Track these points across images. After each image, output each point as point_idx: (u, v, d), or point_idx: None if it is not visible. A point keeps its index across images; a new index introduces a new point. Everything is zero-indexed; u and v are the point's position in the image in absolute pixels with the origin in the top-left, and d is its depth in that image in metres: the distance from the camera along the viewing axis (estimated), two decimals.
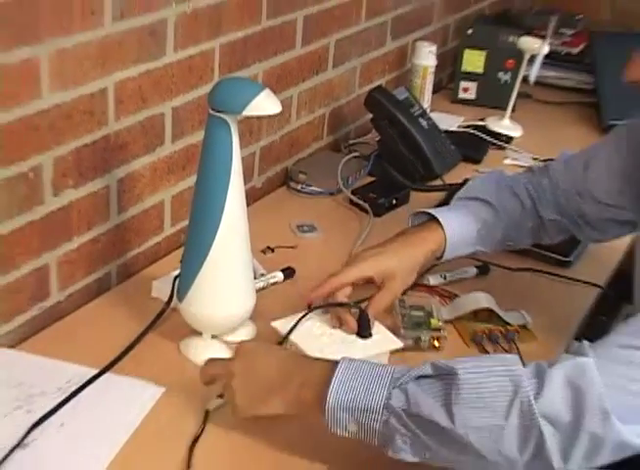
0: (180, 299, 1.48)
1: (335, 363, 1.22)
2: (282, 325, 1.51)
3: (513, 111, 2.59)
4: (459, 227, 1.65)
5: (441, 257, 1.65)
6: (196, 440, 1.32)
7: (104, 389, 1.41)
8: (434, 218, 1.64)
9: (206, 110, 1.36)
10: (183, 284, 1.47)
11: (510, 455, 1.12)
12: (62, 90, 1.45)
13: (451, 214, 1.67)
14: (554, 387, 1.11)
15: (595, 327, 3.15)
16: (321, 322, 1.53)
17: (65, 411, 1.35)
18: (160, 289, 1.63)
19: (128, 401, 1.39)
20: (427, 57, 2.51)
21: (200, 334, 1.51)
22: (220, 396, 1.37)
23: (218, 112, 1.35)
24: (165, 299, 1.56)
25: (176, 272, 1.51)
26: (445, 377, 1.15)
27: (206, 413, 1.37)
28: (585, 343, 1.17)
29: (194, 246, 1.44)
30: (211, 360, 1.36)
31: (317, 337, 1.49)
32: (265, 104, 1.33)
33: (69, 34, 1.43)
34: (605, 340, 1.18)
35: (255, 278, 1.62)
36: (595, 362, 1.12)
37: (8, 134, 1.38)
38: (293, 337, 1.48)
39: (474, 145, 2.44)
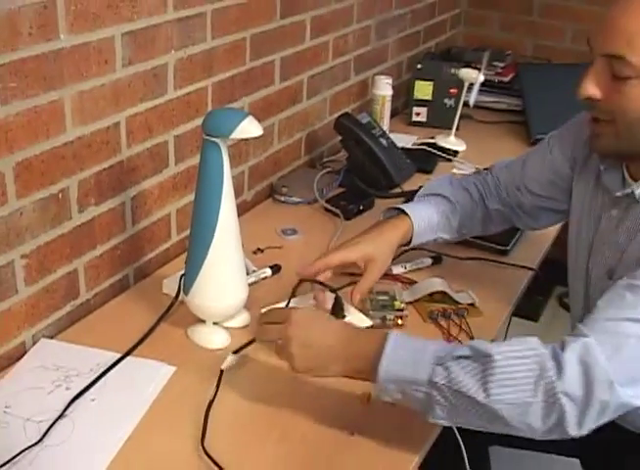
0: (186, 293, 1.48)
1: (384, 337, 1.21)
2: (269, 310, 1.51)
3: (457, 129, 2.57)
4: (423, 216, 1.66)
5: (410, 242, 1.66)
6: (211, 402, 1.32)
7: (126, 369, 1.42)
8: (402, 211, 1.65)
9: (202, 136, 1.37)
10: (188, 280, 1.47)
11: (534, 425, 1.15)
12: (82, 125, 1.46)
13: (416, 206, 1.68)
14: (570, 368, 1.13)
15: (532, 304, 3.20)
16: (302, 305, 1.52)
17: (96, 388, 1.36)
18: (170, 286, 1.63)
19: (146, 379, 1.40)
20: (384, 88, 2.49)
21: (203, 322, 1.52)
22: (235, 352, 1.38)
23: (211, 136, 1.36)
24: (174, 294, 1.56)
25: (182, 272, 1.52)
26: (482, 359, 1.16)
27: (221, 373, 1.37)
28: (579, 325, 1.19)
29: (195, 249, 1.45)
30: (267, 317, 1.34)
31: None
32: (249, 128, 1.35)
33: (88, 79, 1.44)
34: (593, 317, 1.20)
35: (248, 274, 1.62)
36: (595, 340, 1.15)
37: (40, 163, 1.39)
38: None
39: (426, 159, 2.42)
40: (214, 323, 1.52)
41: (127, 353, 1.45)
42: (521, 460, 1.73)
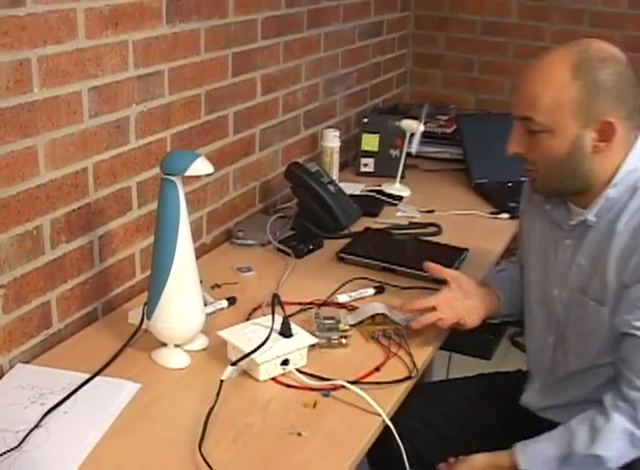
0: (149, 318, 1.67)
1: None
2: (225, 333, 1.70)
3: (403, 177, 2.78)
4: (506, 293, 1.90)
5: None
6: (211, 409, 1.48)
7: (96, 387, 1.58)
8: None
9: (161, 176, 1.57)
10: (150, 306, 1.66)
11: None
12: (54, 169, 1.65)
13: (504, 282, 1.94)
14: None
15: (484, 343, 3.38)
16: (254, 328, 1.70)
17: (68, 403, 1.52)
18: (135, 317, 1.79)
19: (114, 394, 1.56)
20: (332, 140, 2.69)
21: (166, 345, 1.70)
22: (233, 364, 1.57)
23: (168, 175, 1.57)
24: (138, 324, 1.74)
25: (145, 301, 1.71)
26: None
27: (221, 383, 1.54)
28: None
29: (156, 276, 1.63)
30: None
31: (251, 338, 1.65)
32: (201, 166, 1.56)
33: (59, 128, 1.64)
34: None
35: (207, 305, 1.82)
36: None
37: (16, 202, 1.57)
38: (230, 337, 1.67)
39: (372, 204, 2.62)
40: (176, 346, 1.70)
41: (96, 374, 1.61)
42: None
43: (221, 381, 1.54)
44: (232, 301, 1.94)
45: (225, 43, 2.15)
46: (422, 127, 2.73)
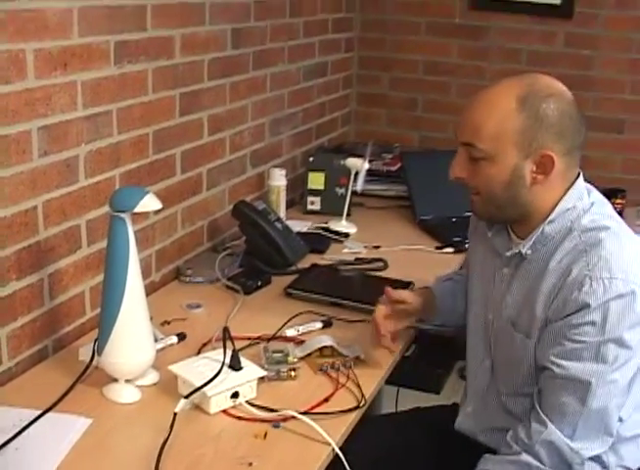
0: (100, 353, 1.70)
1: None
2: (176, 367, 1.73)
3: (349, 215, 2.84)
4: (443, 294, 2.01)
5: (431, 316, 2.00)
6: (165, 441, 1.51)
7: (47, 423, 1.60)
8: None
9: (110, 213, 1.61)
10: (101, 342, 1.69)
11: None
12: (4, 207, 1.69)
13: (442, 287, 2.05)
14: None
15: (433, 377, 3.44)
16: (204, 362, 1.73)
17: (19, 440, 1.54)
18: (85, 354, 1.82)
19: (65, 430, 1.58)
20: (279, 179, 2.76)
21: (116, 380, 1.73)
22: (186, 396, 1.59)
23: (117, 212, 1.61)
24: (89, 361, 1.77)
25: (96, 337, 1.74)
26: None
27: (174, 415, 1.57)
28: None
29: (107, 312, 1.67)
30: None
31: (201, 372, 1.69)
32: (150, 202, 1.62)
33: (8, 167, 1.68)
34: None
35: (157, 341, 1.85)
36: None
37: None
38: (180, 371, 1.70)
39: (320, 240, 2.68)
40: (127, 381, 1.73)
41: (48, 410, 1.63)
42: None
43: (174, 414, 1.58)
44: (182, 336, 1.97)
45: (172, 83, 2.21)
46: (366, 165, 2.80)
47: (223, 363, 1.69)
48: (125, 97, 2.02)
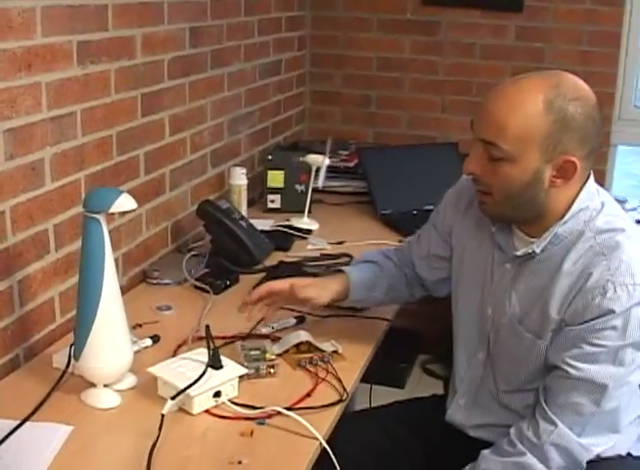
0: (77, 359, 1.66)
1: None
2: (155, 369, 1.70)
3: (310, 212, 2.83)
4: (359, 275, 1.97)
5: (347, 296, 1.96)
6: (154, 444, 1.48)
7: (27, 432, 1.56)
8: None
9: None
10: (78, 347, 1.65)
11: None
12: None
13: (353, 267, 2.03)
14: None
15: (397, 372, 3.45)
16: (183, 363, 1.71)
17: (1, 449, 1.50)
18: (60, 360, 1.78)
19: (46, 439, 1.54)
20: (240, 178, 2.73)
21: (94, 386, 1.69)
22: (172, 398, 1.56)
23: (92, 212, 1.58)
24: (64, 367, 1.72)
25: (71, 342, 1.70)
26: None
27: (162, 417, 1.53)
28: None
29: (83, 316, 1.63)
30: None
31: (182, 372, 1.67)
32: (125, 202, 1.59)
33: None
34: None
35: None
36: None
37: None
38: (160, 373, 1.68)
39: (283, 238, 2.66)
40: (105, 386, 1.69)
41: (26, 419, 1.59)
42: None
43: (162, 415, 1.55)
44: (156, 339, 1.94)
45: (134, 84, 2.17)
46: (327, 161, 2.80)
47: (209, 362, 1.66)
48: (89, 98, 1.98)
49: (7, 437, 1.53)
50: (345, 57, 3.59)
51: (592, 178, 1.65)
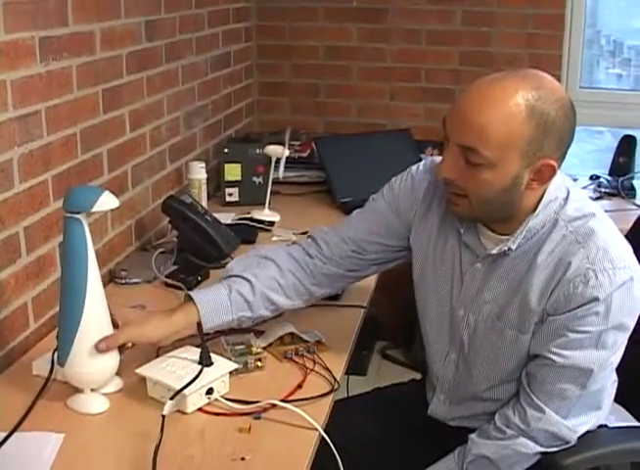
0: (62, 364, 1.59)
1: None
2: (144, 370, 1.65)
3: (269, 204, 2.80)
4: (211, 298, 1.72)
5: (201, 324, 1.70)
6: (157, 446, 1.42)
7: (17, 443, 1.49)
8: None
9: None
10: (62, 353, 1.59)
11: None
12: None
13: (204, 290, 1.77)
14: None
15: (358, 359, 3.43)
16: (171, 361, 1.66)
17: None
18: (40, 367, 1.71)
19: (39, 448, 1.47)
20: (199, 172, 2.67)
21: (81, 391, 1.62)
22: (171, 398, 1.51)
23: (73, 213, 1.51)
24: (45, 374, 1.66)
25: (52, 349, 1.63)
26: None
27: (163, 418, 1.48)
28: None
29: (67, 320, 1.57)
30: None
31: (172, 372, 1.62)
32: (108, 201, 1.53)
33: None
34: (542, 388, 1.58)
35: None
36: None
37: None
38: (150, 374, 1.62)
39: (247, 231, 2.61)
40: (92, 390, 1.63)
41: (14, 430, 1.52)
42: None
43: (163, 416, 1.50)
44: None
45: (95, 80, 2.10)
46: (287, 152, 2.76)
47: (203, 361, 1.61)
48: (52, 96, 1.90)
49: None
50: (292, 47, 3.55)
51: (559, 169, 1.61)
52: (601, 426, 1.70)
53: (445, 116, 1.55)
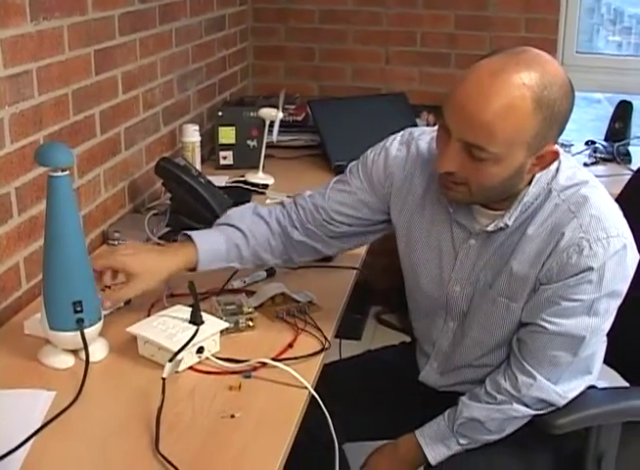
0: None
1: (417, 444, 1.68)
2: (135, 328, 1.65)
3: (263, 167, 2.79)
4: (210, 246, 1.75)
5: (195, 267, 1.75)
6: (160, 408, 1.43)
7: (7, 401, 1.49)
8: (190, 237, 1.77)
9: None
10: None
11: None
12: None
13: (205, 235, 1.79)
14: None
15: (353, 324, 3.44)
16: (162, 320, 1.66)
17: None
18: (32, 327, 1.72)
19: (30, 405, 1.47)
20: (192, 134, 2.66)
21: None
22: (170, 360, 1.51)
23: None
24: (37, 333, 1.66)
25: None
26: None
27: (163, 381, 1.49)
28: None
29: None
30: None
31: (162, 330, 1.62)
32: None
33: None
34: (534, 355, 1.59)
35: (104, 308, 1.71)
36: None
37: None
38: (141, 332, 1.63)
39: (240, 194, 2.60)
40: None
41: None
42: None
43: (163, 379, 1.50)
44: (127, 300, 1.87)
45: (87, 41, 2.08)
46: (281, 115, 2.75)
47: (198, 321, 1.62)
48: (43, 56, 1.89)
49: None
50: (288, 10, 3.51)
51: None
52: (590, 387, 1.71)
53: (443, 106, 1.48)
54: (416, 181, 1.72)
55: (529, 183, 1.56)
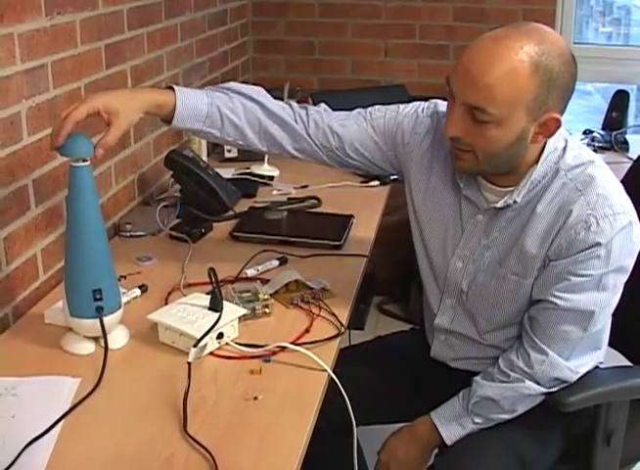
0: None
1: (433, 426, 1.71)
2: (155, 315, 1.68)
3: (268, 159, 2.81)
4: (191, 101, 1.70)
5: (171, 120, 1.71)
6: (187, 392, 1.46)
7: (34, 387, 1.51)
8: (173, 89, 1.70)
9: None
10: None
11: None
12: None
13: (190, 91, 1.72)
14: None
15: (356, 314, 3.46)
16: (182, 308, 1.68)
17: (13, 405, 1.46)
18: (52, 316, 1.74)
19: (57, 391, 1.50)
20: None
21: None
22: (194, 345, 1.54)
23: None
24: (58, 323, 1.69)
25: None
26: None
27: (189, 365, 1.51)
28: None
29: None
30: None
31: (182, 317, 1.64)
32: None
33: None
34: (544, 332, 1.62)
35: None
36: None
37: None
38: (162, 319, 1.65)
39: (247, 185, 2.63)
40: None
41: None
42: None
43: (189, 363, 1.53)
44: (144, 288, 1.90)
45: (98, 35, 2.10)
46: None
47: (221, 305, 1.65)
48: (57, 50, 1.90)
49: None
50: (287, 4, 3.54)
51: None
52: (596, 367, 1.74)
53: (449, 73, 1.55)
54: (436, 155, 1.77)
55: (537, 161, 1.60)
